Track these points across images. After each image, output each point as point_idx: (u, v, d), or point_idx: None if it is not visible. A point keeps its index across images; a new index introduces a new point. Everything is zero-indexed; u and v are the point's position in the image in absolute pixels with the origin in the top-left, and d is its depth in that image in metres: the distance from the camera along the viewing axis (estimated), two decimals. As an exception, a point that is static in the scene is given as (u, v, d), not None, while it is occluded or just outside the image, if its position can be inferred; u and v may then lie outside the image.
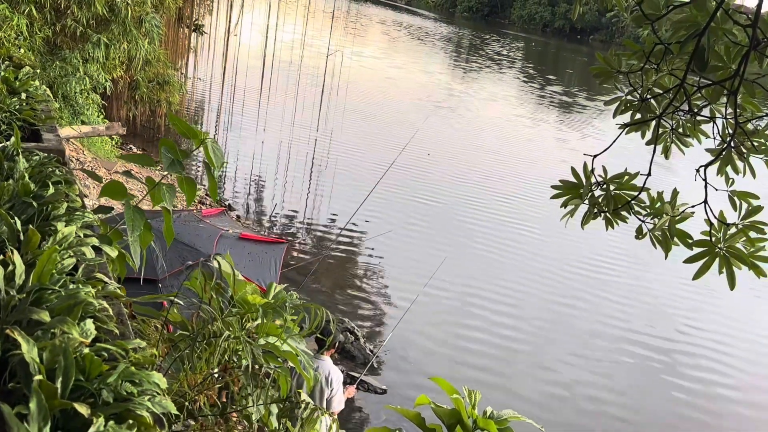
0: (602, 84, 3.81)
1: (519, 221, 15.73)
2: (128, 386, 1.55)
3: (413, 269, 12.29)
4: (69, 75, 13.29)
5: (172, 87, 16.65)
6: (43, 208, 2.44)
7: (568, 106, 33.01)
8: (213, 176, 3.07)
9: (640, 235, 3.30)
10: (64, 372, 1.49)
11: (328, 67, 27.43)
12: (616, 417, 9.03)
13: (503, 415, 4.02)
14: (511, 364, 9.82)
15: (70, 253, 2.15)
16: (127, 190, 2.93)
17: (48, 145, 3.58)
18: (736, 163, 3.24)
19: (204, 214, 8.77)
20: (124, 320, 2.12)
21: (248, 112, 22.43)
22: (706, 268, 2.95)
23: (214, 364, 2.23)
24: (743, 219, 3.01)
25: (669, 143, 3.61)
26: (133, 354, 1.66)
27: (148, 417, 1.50)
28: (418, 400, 4.15)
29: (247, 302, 2.69)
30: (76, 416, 1.47)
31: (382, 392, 8.67)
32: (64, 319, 1.65)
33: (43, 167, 2.86)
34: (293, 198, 15.41)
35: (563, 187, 3.64)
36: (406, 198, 15.99)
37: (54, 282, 1.88)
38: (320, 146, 19.77)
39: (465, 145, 21.98)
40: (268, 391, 2.20)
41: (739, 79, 3.22)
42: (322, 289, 11.06)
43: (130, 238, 2.71)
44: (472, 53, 51.31)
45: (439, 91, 31.16)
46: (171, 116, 2.90)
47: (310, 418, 2.20)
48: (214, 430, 2.16)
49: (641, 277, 13.60)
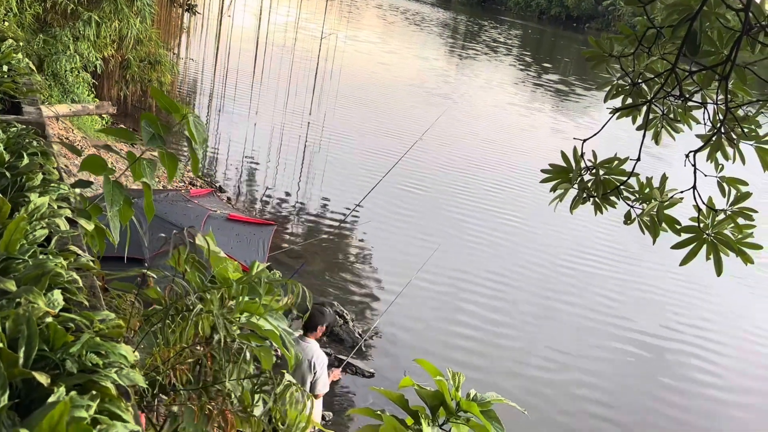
0: (594, 68, 3.77)
1: (512, 210, 15.71)
2: (93, 357, 1.50)
3: (404, 255, 12.27)
4: (59, 53, 13.13)
5: (164, 67, 16.49)
6: (17, 178, 2.38)
7: (563, 95, 32.94)
8: (195, 152, 3.02)
9: (628, 221, 3.27)
10: (27, 341, 1.45)
11: (322, 51, 27.24)
12: (598, 401, 9.07)
13: (486, 398, 4.01)
14: (498, 349, 9.83)
15: (42, 224, 2.10)
16: (109, 165, 2.87)
17: (28, 118, 3.51)
18: (726, 150, 3.21)
19: (192, 194, 8.71)
20: (96, 293, 2.08)
21: (241, 94, 22.26)
22: (693, 255, 2.92)
23: (188, 338, 2.19)
24: (731, 205, 2.98)
25: (659, 128, 3.57)
26: (99, 324, 1.62)
27: (113, 388, 1.45)
28: (402, 383, 4.14)
29: (226, 278, 2.65)
30: (39, 386, 1.43)
31: (369, 375, 8.67)
32: (30, 289, 1.61)
33: (19, 138, 2.80)
34: (285, 181, 15.33)
35: (553, 171, 3.60)
36: (398, 184, 15.93)
37: (23, 252, 1.83)
38: (313, 130, 19.66)
39: (460, 133, 21.89)
40: (240, 365, 2.17)
41: (731, 65, 3.18)
42: (313, 272, 11.02)
43: (110, 212, 2.66)
44: (469, 39, 51.13)
45: (434, 78, 31.02)
46: (153, 89, 2.83)
47: (285, 394, 2.17)
48: (186, 404, 2.12)
49: (632, 271, 13.59)
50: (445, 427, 3.83)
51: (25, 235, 1.93)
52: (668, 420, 9.01)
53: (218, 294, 2.29)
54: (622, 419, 8.84)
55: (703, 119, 3.45)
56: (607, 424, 8.70)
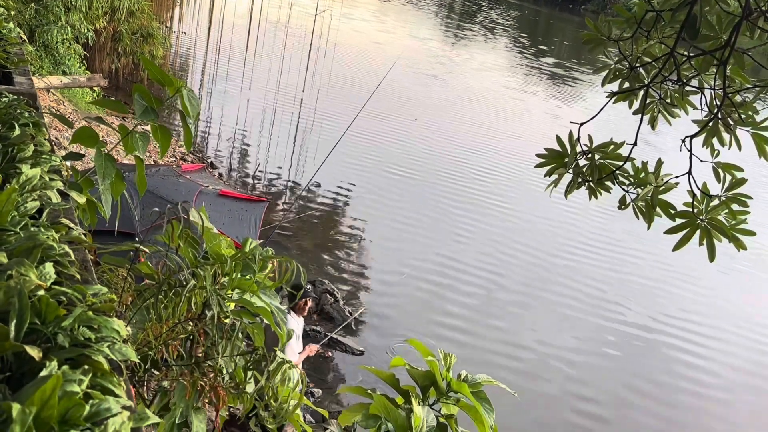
0: (592, 51, 3.74)
1: (502, 196, 15.69)
2: (85, 331, 1.49)
3: (396, 235, 12.28)
4: (51, 23, 12.94)
5: (156, 40, 16.29)
6: (8, 149, 2.34)
7: (558, 78, 32.81)
8: (188, 126, 2.98)
9: (623, 206, 3.27)
10: (18, 314, 1.43)
11: (316, 28, 26.97)
12: (583, 387, 9.16)
13: (477, 379, 4.04)
14: (489, 330, 9.89)
15: (34, 196, 2.07)
16: (100, 138, 2.83)
17: (19, 89, 3.45)
18: (722, 135, 3.21)
19: (183, 170, 8.65)
20: (88, 266, 2.05)
21: (233, 69, 22.04)
22: (686, 240, 2.93)
23: (181, 314, 2.18)
24: (726, 191, 2.98)
25: (656, 113, 3.56)
26: (91, 298, 1.60)
27: (105, 363, 1.44)
28: (393, 362, 4.16)
29: (219, 255, 2.63)
30: (30, 360, 1.41)
31: (359, 353, 8.71)
32: (22, 261, 1.58)
33: (11, 109, 2.75)
34: (277, 158, 15.26)
35: (548, 156, 3.59)
36: (392, 162, 15.89)
37: (14, 224, 1.81)
38: (306, 107, 19.53)
39: (454, 114, 21.80)
40: (233, 342, 2.16)
41: (730, 50, 3.16)
42: (304, 249, 11.02)
43: (101, 186, 2.63)
44: (465, 19, 50.71)
45: (428, 58, 30.81)
46: (145, 60, 2.78)
47: (277, 371, 2.17)
48: (178, 380, 2.12)
49: (621, 260, 13.54)
50: (435, 407, 3.86)
51: (17, 206, 1.90)
52: (651, 402, 9.12)
53: (211, 270, 2.28)
54: (604, 408, 8.93)
55: (700, 104, 3.44)
56: (591, 407, 8.80)
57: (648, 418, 8.79)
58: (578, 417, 8.56)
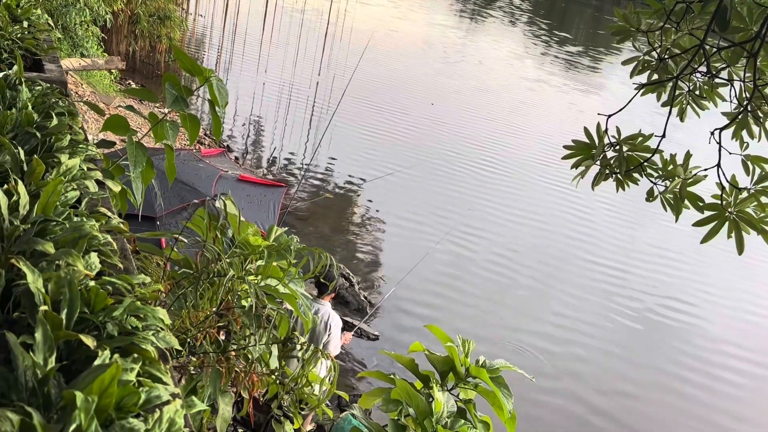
0: (621, 42, 3.72)
1: (521, 187, 15.60)
2: (133, 320, 1.53)
3: (412, 219, 12.29)
4: (69, 5, 12.97)
5: (173, 22, 16.30)
6: (46, 139, 2.38)
7: (580, 67, 32.45)
8: (217, 115, 3.01)
9: (651, 198, 3.26)
10: (69, 303, 1.47)
11: (332, 12, 26.84)
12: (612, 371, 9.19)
13: (495, 365, 4.07)
14: (505, 315, 9.92)
15: (73, 185, 2.11)
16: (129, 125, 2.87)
17: (50, 76, 3.48)
18: (751, 128, 3.19)
19: (203, 154, 8.70)
20: (127, 255, 2.09)
21: (249, 52, 22.02)
22: (715, 232, 2.93)
23: (216, 303, 2.22)
24: (755, 184, 2.97)
25: (685, 105, 3.55)
26: (139, 289, 1.63)
27: (153, 351, 1.48)
28: (412, 347, 4.19)
29: (250, 244, 2.66)
30: (80, 348, 1.45)
31: (374, 338, 8.77)
32: (69, 251, 1.62)
33: (45, 98, 2.79)
34: (293, 141, 15.28)
35: (576, 148, 3.58)
36: (408, 146, 15.86)
37: (58, 214, 1.84)
38: (321, 91, 19.50)
39: (471, 101, 21.66)
40: (270, 332, 2.20)
41: (760, 42, 3.14)
42: (319, 234, 11.06)
43: (133, 174, 2.66)
44: (485, 3, 50.18)
45: (450, 45, 30.57)
46: (176, 50, 2.80)
47: (311, 359, 2.21)
48: (214, 366, 2.16)
49: (637, 248, 13.58)
50: (453, 392, 3.90)
51: (59, 196, 1.93)
52: (674, 380, 9.14)
53: (246, 260, 2.31)
54: (628, 394, 8.96)
55: (729, 97, 3.42)
56: (605, 395, 8.83)
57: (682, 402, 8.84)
58: (600, 402, 8.59)
